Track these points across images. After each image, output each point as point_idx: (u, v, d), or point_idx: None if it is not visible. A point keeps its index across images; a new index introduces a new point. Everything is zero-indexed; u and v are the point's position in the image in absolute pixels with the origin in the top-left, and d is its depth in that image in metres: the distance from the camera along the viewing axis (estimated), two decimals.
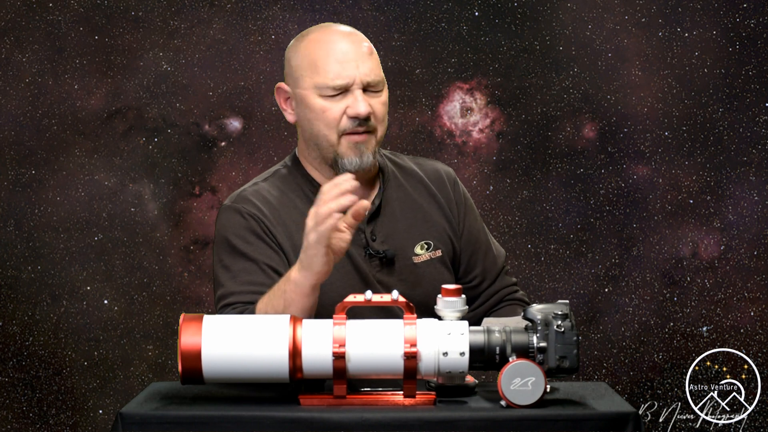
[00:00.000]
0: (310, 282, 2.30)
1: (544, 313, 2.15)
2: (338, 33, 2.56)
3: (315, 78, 2.52)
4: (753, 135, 4.21)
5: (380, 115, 2.55)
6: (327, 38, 2.55)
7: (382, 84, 2.55)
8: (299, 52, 2.56)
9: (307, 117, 2.56)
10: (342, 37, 2.55)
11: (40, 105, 4.17)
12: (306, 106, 2.55)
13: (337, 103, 2.52)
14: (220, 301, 2.50)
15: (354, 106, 2.51)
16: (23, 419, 4.21)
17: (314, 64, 2.53)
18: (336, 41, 2.54)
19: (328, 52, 2.52)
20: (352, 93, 2.51)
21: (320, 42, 2.54)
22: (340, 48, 2.53)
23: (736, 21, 4.20)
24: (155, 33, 4.19)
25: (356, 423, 2.08)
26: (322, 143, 2.56)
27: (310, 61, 2.53)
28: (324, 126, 2.54)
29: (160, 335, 4.22)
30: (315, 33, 2.58)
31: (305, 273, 2.30)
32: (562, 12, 4.21)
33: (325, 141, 2.55)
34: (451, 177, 2.72)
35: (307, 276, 2.30)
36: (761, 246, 4.23)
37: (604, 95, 4.23)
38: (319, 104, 2.53)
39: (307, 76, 2.54)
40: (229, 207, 2.57)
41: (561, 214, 4.25)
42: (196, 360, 2.12)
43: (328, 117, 2.53)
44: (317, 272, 2.29)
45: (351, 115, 2.52)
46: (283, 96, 2.61)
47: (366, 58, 2.53)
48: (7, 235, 4.17)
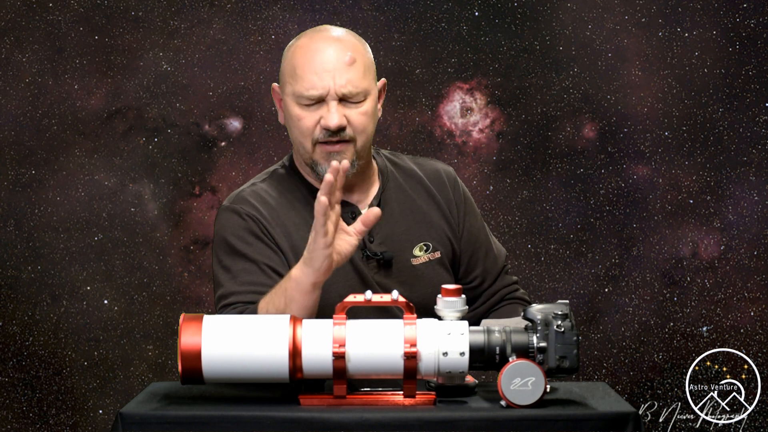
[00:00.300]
0: (311, 280, 2.30)
1: (544, 313, 2.15)
2: (324, 40, 2.54)
3: (294, 86, 2.53)
4: (753, 135, 4.21)
5: (359, 125, 2.53)
6: (311, 46, 2.53)
7: (362, 95, 2.53)
8: (287, 57, 2.57)
9: (289, 123, 2.58)
10: (326, 46, 2.53)
11: (40, 105, 4.17)
12: (288, 111, 2.56)
13: (312, 113, 2.52)
14: (220, 301, 2.50)
15: (326, 118, 2.50)
16: (23, 419, 4.21)
17: (294, 72, 2.53)
18: (318, 50, 2.53)
19: (307, 61, 2.52)
20: (327, 103, 2.51)
21: (304, 49, 2.54)
22: (320, 58, 2.51)
23: (736, 21, 4.20)
24: (155, 33, 4.19)
25: (356, 423, 2.08)
26: (300, 150, 2.57)
27: (292, 68, 2.54)
28: (299, 134, 2.54)
29: (160, 335, 4.22)
30: (303, 38, 2.57)
31: (306, 270, 2.30)
32: (562, 12, 4.21)
33: (302, 147, 2.56)
34: (452, 177, 2.72)
35: (308, 273, 2.30)
36: (761, 246, 4.23)
37: (604, 95, 4.23)
38: (296, 112, 2.53)
39: (288, 83, 2.55)
40: (227, 208, 2.58)
41: (561, 214, 4.25)
42: (196, 360, 2.12)
43: (302, 126, 2.53)
44: (317, 269, 2.29)
45: (323, 126, 2.51)
46: (276, 97, 2.63)
47: (345, 70, 2.51)
48: (7, 235, 4.17)
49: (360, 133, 2.54)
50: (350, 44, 2.55)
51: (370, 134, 2.57)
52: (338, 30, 2.59)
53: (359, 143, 2.54)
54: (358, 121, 2.53)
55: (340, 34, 2.57)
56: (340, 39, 2.55)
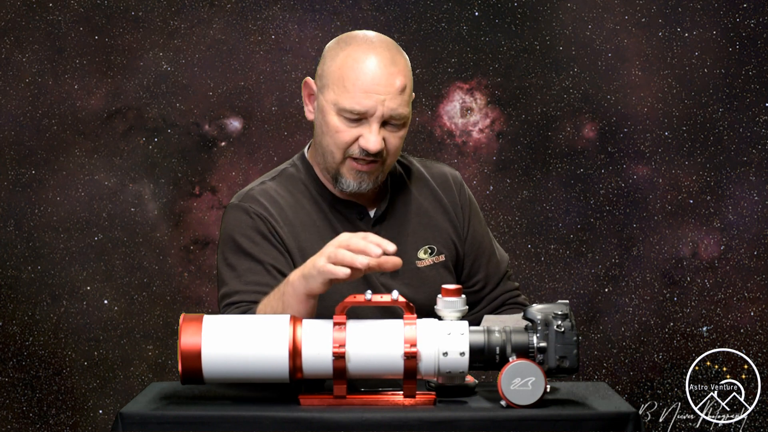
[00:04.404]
0: (305, 290, 2.26)
1: (544, 313, 2.15)
2: (377, 57, 2.48)
3: (339, 96, 2.47)
4: (753, 135, 4.21)
5: (393, 149, 2.51)
6: (364, 60, 2.47)
7: (405, 119, 2.50)
8: (335, 61, 2.50)
9: (321, 127, 2.53)
10: (380, 65, 2.47)
11: (40, 105, 4.17)
12: (323, 116, 2.51)
13: (352, 129, 2.48)
14: (223, 299, 2.49)
15: (367, 139, 2.46)
16: (23, 419, 4.21)
17: (342, 82, 2.47)
18: (371, 69, 2.46)
19: (359, 76, 2.46)
20: (369, 123, 2.47)
21: (356, 62, 2.47)
22: (372, 78, 2.46)
23: (736, 21, 4.20)
24: (155, 33, 4.19)
25: (356, 423, 2.08)
26: (327, 157, 2.53)
27: (340, 77, 2.48)
28: (333, 144, 2.50)
29: (160, 335, 4.22)
30: (355, 47, 2.50)
31: (302, 280, 2.26)
32: (562, 12, 4.21)
33: (331, 156, 2.52)
34: (458, 181, 2.72)
35: (303, 284, 2.26)
36: (761, 246, 4.23)
37: (604, 95, 4.23)
38: (334, 123, 2.48)
39: (332, 91, 2.49)
40: (236, 206, 2.56)
41: (561, 214, 4.25)
42: (196, 360, 2.12)
43: (338, 139, 2.49)
44: (312, 287, 2.25)
45: (362, 146, 2.48)
46: (307, 91, 2.57)
47: (395, 95, 2.46)
48: (7, 235, 4.17)
49: (392, 155, 2.52)
50: (402, 66, 2.50)
51: (398, 154, 2.56)
52: (389, 44, 2.52)
53: (387, 164, 2.53)
54: (394, 146, 2.51)
55: (394, 53, 2.50)
56: (394, 60, 2.49)
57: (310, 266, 2.24)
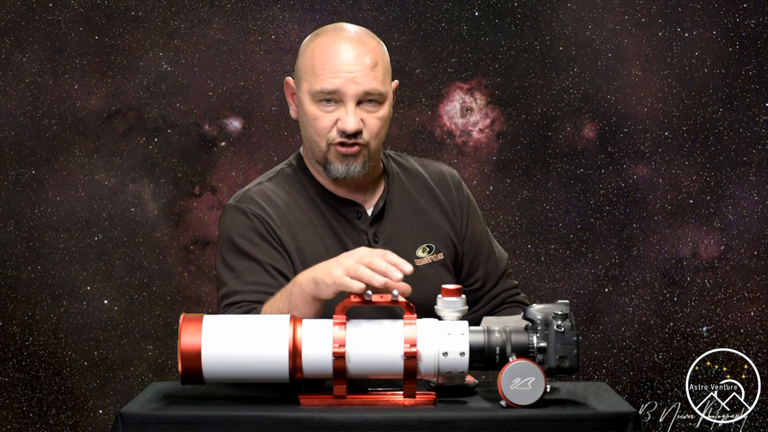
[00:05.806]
0: (313, 294, 2.26)
1: (544, 313, 2.15)
2: (345, 40, 2.51)
3: (312, 83, 2.50)
4: (753, 135, 4.21)
5: (374, 129, 2.52)
6: (332, 45, 2.51)
7: (382, 98, 2.51)
8: (305, 54, 2.54)
9: (303, 120, 2.56)
10: (347, 47, 2.50)
11: (40, 105, 4.17)
12: (303, 109, 2.54)
13: (329, 113, 2.50)
14: (223, 300, 2.49)
15: (343, 121, 2.49)
16: (23, 419, 4.21)
17: (313, 69, 2.50)
18: (339, 50, 2.50)
19: (327, 59, 2.49)
20: (345, 105, 2.49)
21: (324, 48, 2.51)
22: (341, 58, 2.49)
23: (736, 21, 4.20)
24: (155, 33, 4.19)
25: (356, 423, 2.08)
26: (314, 147, 2.55)
27: (310, 66, 2.51)
28: (314, 133, 2.52)
29: (160, 335, 4.22)
30: (324, 36, 2.54)
31: (312, 284, 2.26)
32: (562, 12, 4.21)
33: (316, 146, 2.54)
34: (456, 179, 2.72)
35: (312, 288, 2.26)
36: (761, 246, 4.23)
37: (604, 95, 4.23)
38: (312, 111, 2.51)
39: (306, 81, 2.52)
40: (233, 207, 2.57)
41: (561, 214, 4.25)
42: (196, 360, 2.12)
43: (317, 126, 2.51)
44: (320, 293, 2.25)
45: (339, 128, 2.50)
46: (290, 91, 2.60)
47: (366, 72, 2.49)
48: (7, 235, 4.17)
49: (374, 137, 2.53)
50: (372, 46, 2.52)
51: (383, 138, 2.56)
52: (358, 30, 2.56)
53: (372, 146, 2.53)
54: (374, 126, 2.52)
55: (362, 35, 2.54)
56: (362, 41, 2.52)
57: (324, 273, 2.23)
